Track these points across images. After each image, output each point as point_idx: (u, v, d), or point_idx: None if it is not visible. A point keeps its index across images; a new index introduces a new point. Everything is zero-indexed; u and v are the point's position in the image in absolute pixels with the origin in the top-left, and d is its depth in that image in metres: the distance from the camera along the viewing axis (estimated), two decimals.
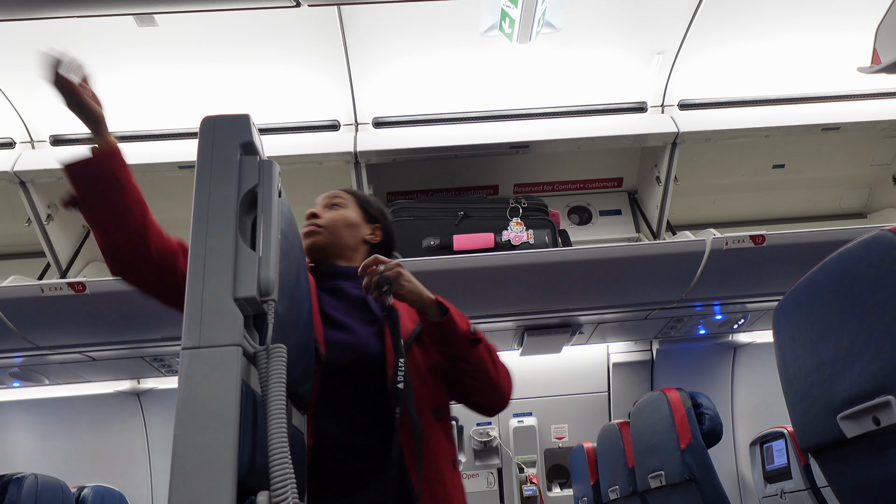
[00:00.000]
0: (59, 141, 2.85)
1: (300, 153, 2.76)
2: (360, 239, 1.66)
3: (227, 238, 0.96)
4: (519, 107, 2.96)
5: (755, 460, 3.39)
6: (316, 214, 1.68)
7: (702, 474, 2.38)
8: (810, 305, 1.16)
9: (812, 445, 1.21)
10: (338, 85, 2.77)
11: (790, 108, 2.99)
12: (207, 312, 0.92)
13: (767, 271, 2.85)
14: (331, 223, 1.66)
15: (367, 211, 1.72)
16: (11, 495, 2.20)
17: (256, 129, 1.08)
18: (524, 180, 3.27)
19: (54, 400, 3.67)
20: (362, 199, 1.76)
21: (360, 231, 1.67)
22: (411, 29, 2.61)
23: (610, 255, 2.72)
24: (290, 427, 1.01)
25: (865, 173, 3.36)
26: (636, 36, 2.75)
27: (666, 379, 3.85)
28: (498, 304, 2.96)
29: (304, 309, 1.29)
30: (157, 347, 3.01)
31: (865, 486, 1.08)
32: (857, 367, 1.02)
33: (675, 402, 2.53)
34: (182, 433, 0.85)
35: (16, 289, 2.55)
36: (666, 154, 2.95)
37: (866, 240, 1.02)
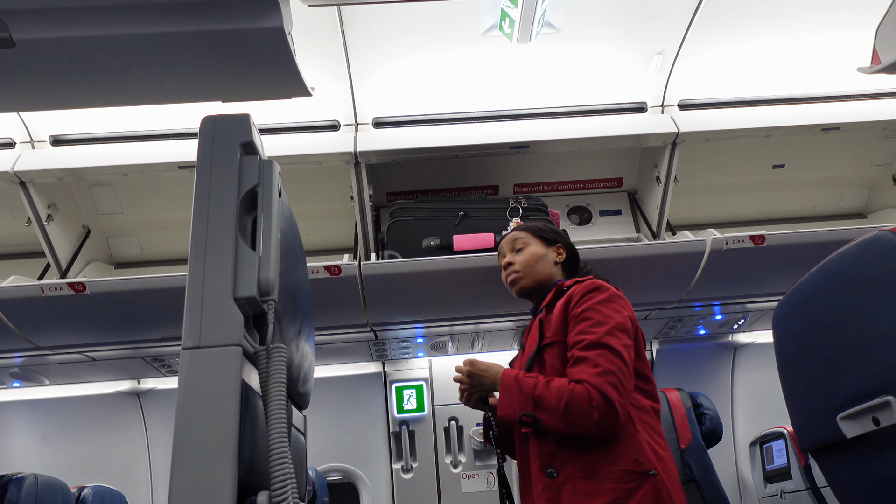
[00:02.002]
0: (59, 141, 2.85)
1: (300, 153, 2.75)
2: (552, 263, 1.93)
3: (227, 238, 0.97)
4: (519, 107, 2.96)
5: (755, 460, 3.39)
6: (511, 262, 1.97)
7: (702, 474, 2.38)
8: (810, 305, 1.16)
9: (812, 445, 1.21)
10: (338, 85, 2.77)
11: (790, 108, 2.99)
12: (207, 312, 0.92)
13: (767, 271, 2.84)
14: (525, 265, 1.94)
15: (543, 238, 1.98)
16: (11, 495, 2.20)
17: (256, 128, 1.08)
18: (524, 180, 3.27)
19: (54, 400, 3.67)
20: (535, 230, 2.02)
21: (548, 258, 1.94)
22: (411, 29, 2.61)
23: (610, 255, 2.72)
24: (291, 427, 1.01)
25: (865, 173, 3.36)
26: (636, 36, 2.75)
27: (666, 379, 3.85)
28: (498, 304, 2.96)
29: (304, 309, 1.29)
30: (157, 347, 3.01)
31: (865, 486, 1.08)
32: (857, 367, 1.02)
33: (675, 402, 2.54)
34: (182, 433, 0.85)
35: (16, 289, 2.55)
36: (666, 154, 2.95)
37: (866, 240, 1.02)
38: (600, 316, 1.58)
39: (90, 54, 1.37)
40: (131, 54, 1.39)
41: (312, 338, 1.57)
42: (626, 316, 1.63)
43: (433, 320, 3.02)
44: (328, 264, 2.61)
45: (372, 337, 3.17)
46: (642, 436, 1.52)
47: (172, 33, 1.32)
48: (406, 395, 3.62)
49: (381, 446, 3.67)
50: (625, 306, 1.67)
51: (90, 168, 2.74)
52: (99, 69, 1.44)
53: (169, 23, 1.30)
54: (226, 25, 1.31)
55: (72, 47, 1.33)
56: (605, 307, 1.61)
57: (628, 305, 1.69)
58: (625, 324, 1.59)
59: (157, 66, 1.46)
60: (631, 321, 1.64)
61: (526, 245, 1.97)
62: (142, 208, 3.09)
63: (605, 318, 1.58)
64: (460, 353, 3.67)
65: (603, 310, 1.60)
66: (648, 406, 1.62)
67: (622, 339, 1.55)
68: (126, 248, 3.22)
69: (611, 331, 1.55)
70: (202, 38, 1.34)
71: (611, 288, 1.71)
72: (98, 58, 1.38)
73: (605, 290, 1.67)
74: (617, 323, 1.57)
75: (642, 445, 1.50)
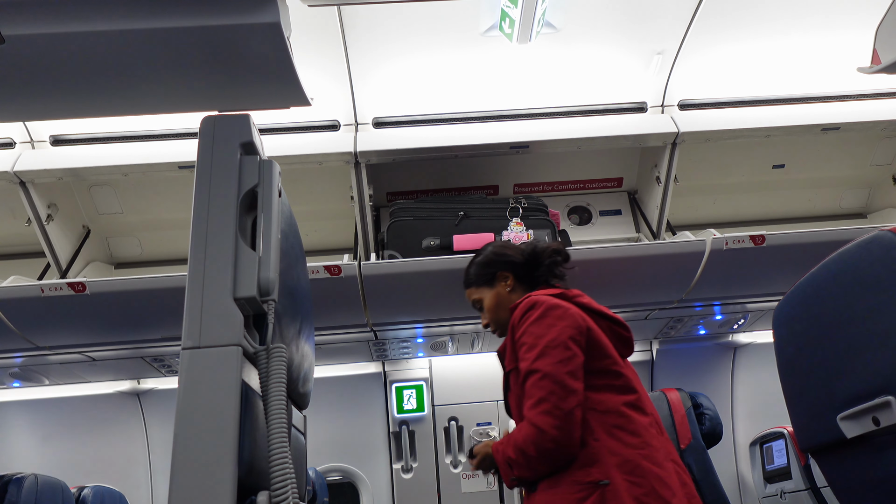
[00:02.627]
0: (59, 141, 2.85)
1: (300, 153, 2.75)
2: (507, 299, 1.89)
3: (227, 238, 0.97)
4: (519, 107, 2.96)
5: (755, 460, 3.39)
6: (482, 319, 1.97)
7: (702, 474, 2.38)
8: (810, 305, 1.16)
9: (812, 445, 1.21)
10: (338, 85, 2.77)
11: (790, 108, 2.99)
12: (207, 312, 0.92)
13: (767, 271, 2.84)
14: (491, 318, 1.93)
15: (485, 280, 1.94)
16: (11, 495, 2.20)
17: (256, 128, 1.08)
18: (524, 180, 3.27)
19: (54, 400, 3.67)
20: (473, 279, 1.99)
21: (501, 296, 1.92)
22: (411, 29, 2.61)
23: (610, 255, 2.72)
24: (290, 427, 1.01)
25: (865, 173, 3.36)
26: (636, 36, 2.75)
27: (666, 379, 3.85)
28: None
29: (304, 309, 1.29)
30: (157, 347, 3.01)
31: (865, 486, 1.08)
32: (857, 367, 1.02)
33: (675, 403, 2.54)
34: (182, 433, 0.85)
35: (16, 289, 2.55)
36: (666, 154, 2.95)
37: (866, 240, 1.02)
38: (532, 338, 1.59)
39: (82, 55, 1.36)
40: (126, 56, 1.38)
41: (312, 338, 1.57)
42: (561, 328, 1.59)
43: (433, 320, 3.02)
44: (328, 264, 2.61)
45: (372, 337, 3.17)
46: (602, 443, 1.50)
47: (164, 29, 1.31)
48: (406, 395, 3.62)
49: (381, 446, 3.67)
50: (561, 316, 1.61)
51: (90, 168, 2.74)
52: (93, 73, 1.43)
53: (161, 18, 1.30)
54: (220, 21, 1.30)
55: (63, 46, 1.32)
56: (537, 327, 1.60)
57: (567, 313, 1.63)
58: (558, 338, 1.57)
59: (152, 72, 1.45)
60: (574, 328, 1.60)
61: (479, 298, 1.95)
62: (142, 208, 3.09)
63: (537, 340, 1.58)
64: (460, 353, 3.67)
65: (535, 331, 1.60)
66: (618, 404, 1.58)
67: (553, 357, 1.54)
68: (126, 248, 3.22)
69: (542, 352, 1.55)
70: (196, 36, 1.33)
71: (546, 300, 1.66)
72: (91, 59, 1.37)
73: (538, 307, 1.64)
74: (548, 341, 1.56)
75: (599, 454, 1.49)
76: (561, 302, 1.67)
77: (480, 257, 2.00)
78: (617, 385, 1.61)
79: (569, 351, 1.55)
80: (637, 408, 1.59)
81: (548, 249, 1.93)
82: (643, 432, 1.55)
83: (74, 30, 1.29)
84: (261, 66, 1.44)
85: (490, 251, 1.99)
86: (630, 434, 1.53)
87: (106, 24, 1.29)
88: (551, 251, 1.93)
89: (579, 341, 1.59)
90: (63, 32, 1.29)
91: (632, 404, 1.59)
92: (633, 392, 1.62)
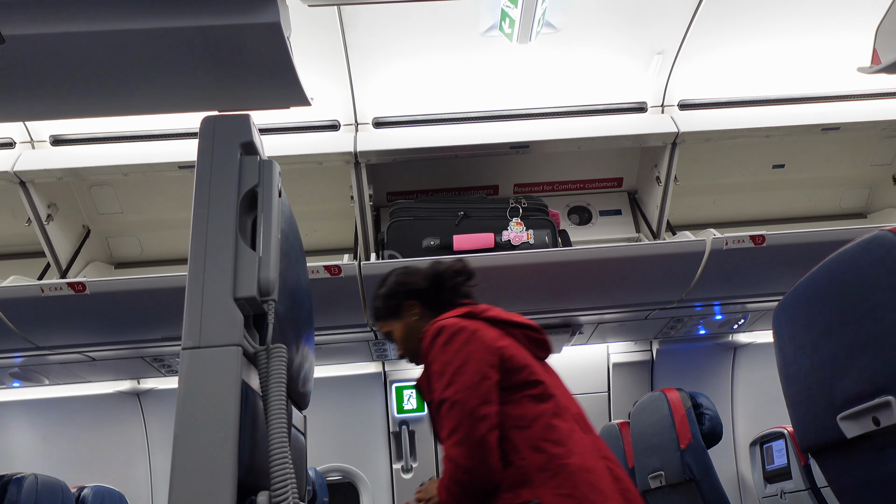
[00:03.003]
0: (59, 141, 2.85)
1: (300, 153, 2.75)
2: (416, 328, 1.81)
3: (227, 238, 0.97)
4: (519, 107, 2.96)
5: (755, 460, 3.39)
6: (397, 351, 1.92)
7: (702, 474, 2.38)
8: (810, 305, 1.16)
9: (812, 445, 1.21)
10: (338, 85, 2.77)
11: (790, 108, 2.99)
12: (207, 312, 0.92)
13: (767, 271, 2.85)
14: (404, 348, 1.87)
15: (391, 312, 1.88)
16: (11, 495, 2.20)
17: (256, 128, 1.08)
18: (524, 180, 3.27)
19: (54, 400, 3.67)
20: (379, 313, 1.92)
21: (409, 325, 1.85)
22: (411, 29, 2.61)
23: (610, 255, 2.72)
24: (290, 427, 1.01)
25: (865, 173, 3.36)
26: (636, 36, 2.75)
27: (666, 379, 3.85)
28: (498, 304, 2.96)
29: (304, 309, 1.29)
30: (157, 347, 3.01)
31: (865, 486, 1.08)
32: (857, 367, 1.02)
33: (675, 402, 2.54)
34: (182, 433, 0.85)
35: (16, 289, 2.55)
36: (666, 154, 2.95)
37: (866, 240, 1.02)
38: (440, 366, 1.56)
39: (82, 55, 1.36)
40: (126, 56, 1.38)
41: (312, 338, 1.57)
42: (468, 351, 1.55)
43: None
44: (328, 264, 2.61)
45: (372, 337, 3.17)
46: (529, 461, 1.48)
47: (164, 29, 1.30)
48: (406, 395, 3.62)
49: (381, 446, 3.67)
50: (468, 339, 1.57)
51: (90, 168, 2.74)
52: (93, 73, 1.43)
53: (161, 18, 1.30)
54: (220, 21, 1.30)
55: (63, 46, 1.32)
56: (444, 354, 1.57)
57: (475, 335, 1.58)
58: (466, 362, 1.53)
59: (152, 72, 1.45)
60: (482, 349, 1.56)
61: (389, 331, 1.89)
62: (142, 208, 3.09)
63: (444, 367, 1.55)
64: None
65: (442, 357, 1.57)
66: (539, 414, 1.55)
67: (461, 383, 1.51)
68: (126, 248, 3.22)
69: (450, 380, 1.52)
70: (196, 36, 1.33)
71: (450, 325, 1.61)
72: (91, 59, 1.37)
73: (444, 333, 1.60)
74: (456, 367, 1.53)
75: (527, 473, 1.47)
76: (467, 323, 1.62)
77: (384, 289, 1.91)
78: (535, 395, 1.57)
79: (478, 375, 1.52)
80: (558, 414, 1.56)
81: (449, 271, 1.85)
82: (567, 440, 1.52)
83: (74, 30, 1.29)
84: (261, 66, 1.44)
85: (393, 281, 1.90)
86: (555, 444, 1.50)
87: (106, 24, 1.29)
88: (453, 272, 1.85)
89: (489, 361, 1.55)
90: (63, 32, 1.29)
91: (552, 412, 1.56)
92: (552, 397, 1.59)
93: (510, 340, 1.65)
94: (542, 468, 1.46)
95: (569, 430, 1.55)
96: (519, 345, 1.66)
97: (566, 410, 1.59)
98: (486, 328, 1.63)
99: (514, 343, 1.65)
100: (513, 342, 1.65)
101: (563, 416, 1.57)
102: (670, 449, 2.48)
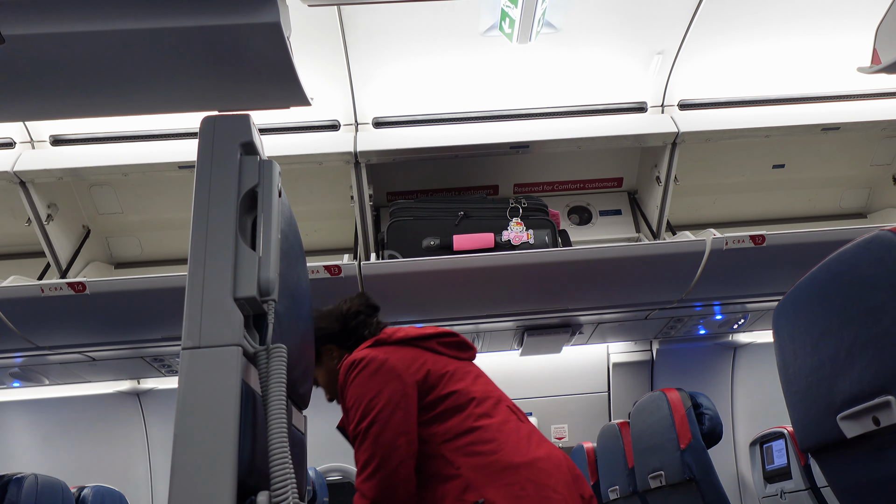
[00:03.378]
0: (59, 141, 2.85)
1: (300, 153, 2.76)
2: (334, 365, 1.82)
3: (227, 238, 0.97)
4: (519, 107, 2.96)
5: (755, 460, 3.39)
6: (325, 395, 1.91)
7: (702, 474, 2.38)
8: (810, 305, 1.16)
9: (812, 445, 1.21)
10: (338, 85, 2.77)
11: (790, 108, 2.99)
12: (207, 312, 0.92)
13: (767, 271, 2.85)
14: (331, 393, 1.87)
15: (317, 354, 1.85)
16: (11, 495, 2.19)
17: (256, 128, 1.08)
18: (524, 180, 3.27)
19: (54, 400, 3.67)
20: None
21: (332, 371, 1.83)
22: (411, 29, 2.61)
23: (610, 255, 2.72)
24: (290, 427, 1.01)
25: (865, 173, 3.36)
26: (636, 36, 2.75)
27: (666, 379, 3.85)
28: (498, 304, 2.96)
29: (304, 309, 1.29)
30: (157, 347, 3.01)
31: (865, 486, 1.08)
32: (857, 367, 1.02)
33: (675, 402, 2.53)
34: (182, 433, 0.85)
35: (16, 289, 2.55)
36: (666, 154, 2.95)
37: (866, 240, 1.02)
38: (352, 401, 1.58)
39: (82, 55, 1.36)
40: (126, 56, 1.38)
41: (312, 338, 1.57)
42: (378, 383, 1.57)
43: (433, 320, 3.02)
44: (328, 264, 2.61)
45: None
46: (464, 468, 1.50)
47: (165, 29, 1.30)
48: None
49: None
50: (376, 370, 1.58)
51: (90, 168, 2.74)
52: (93, 73, 1.43)
53: (161, 18, 1.29)
54: (220, 21, 1.30)
55: (62, 46, 1.32)
56: (356, 388, 1.59)
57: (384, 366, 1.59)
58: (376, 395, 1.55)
59: (152, 72, 1.45)
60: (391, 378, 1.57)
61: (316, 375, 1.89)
62: (142, 208, 3.09)
63: (356, 402, 1.57)
64: None
65: (353, 392, 1.59)
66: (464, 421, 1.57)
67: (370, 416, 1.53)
68: (126, 248, 3.22)
69: (362, 414, 1.54)
70: (196, 36, 1.33)
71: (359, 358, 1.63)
72: (91, 59, 1.37)
73: (354, 368, 1.61)
74: (367, 402, 1.55)
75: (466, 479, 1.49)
76: (375, 353, 1.63)
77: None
78: (457, 404, 1.59)
79: (389, 406, 1.54)
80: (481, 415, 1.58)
81: (351, 311, 1.86)
82: (497, 434, 1.54)
83: (74, 30, 1.29)
84: (261, 66, 1.44)
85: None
86: (486, 443, 1.53)
87: (106, 24, 1.29)
88: (354, 312, 1.86)
89: (400, 389, 1.56)
90: (63, 32, 1.29)
91: (477, 415, 1.58)
92: (471, 397, 1.61)
93: (426, 354, 1.67)
94: (479, 468, 1.49)
95: (500, 423, 1.57)
96: (437, 355, 1.68)
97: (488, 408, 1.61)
98: (397, 351, 1.64)
99: (431, 355, 1.67)
100: (429, 355, 1.67)
101: (492, 412, 1.60)
102: (670, 449, 2.48)
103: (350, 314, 1.85)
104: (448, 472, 1.51)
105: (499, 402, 1.64)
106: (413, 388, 1.58)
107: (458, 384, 1.63)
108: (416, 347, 1.68)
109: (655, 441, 2.61)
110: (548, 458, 1.53)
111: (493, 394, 1.67)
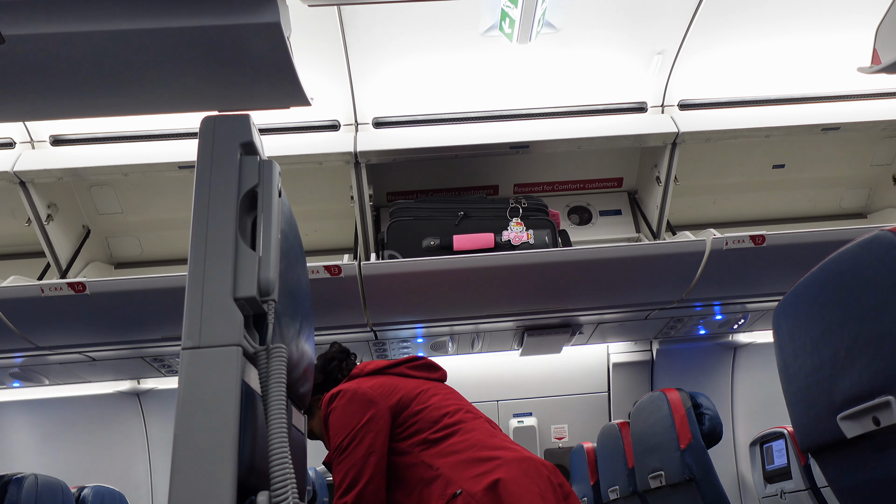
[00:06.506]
0: (59, 141, 2.85)
1: (300, 153, 2.76)
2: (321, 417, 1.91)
3: (227, 238, 0.97)
4: (519, 107, 2.96)
5: (755, 460, 3.39)
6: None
7: (702, 474, 2.38)
8: (810, 305, 1.16)
9: (812, 445, 1.21)
10: (338, 85, 2.77)
11: (790, 108, 2.99)
12: (207, 312, 0.92)
13: (767, 271, 2.85)
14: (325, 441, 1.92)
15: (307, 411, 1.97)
16: (11, 495, 2.19)
17: (256, 129, 1.08)
18: (524, 180, 3.27)
19: (54, 400, 3.67)
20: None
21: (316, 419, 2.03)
22: (411, 29, 2.61)
23: (610, 255, 2.72)
24: (290, 427, 1.01)
25: (865, 173, 3.36)
26: (636, 36, 2.75)
27: (666, 379, 3.85)
28: (498, 304, 2.96)
29: (304, 309, 1.30)
30: (157, 347, 3.01)
31: (865, 486, 1.08)
32: (857, 367, 1.02)
33: (675, 403, 2.53)
34: (182, 433, 0.85)
35: (16, 289, 2.55)
36: (666, 154, 2.95)
37: (866, 240, 1.02)
38: (334, 430, 1.73)
39: (82, 55, 1.36)
40: (126, 56, 1.38)
41: (312, 338, 1.57)
42: (352, 411, 1.72)
43: (433, 320, 3.02)
44: (328, 264, 2.61)
45: (372, 337, 3.17)
46: (443, 469, 1.63)
47: (165, 29, 1.30)
48: None
49: None
50: (351, 399, 1.74)
51: (90, 168, 2.74)
52: (93, 73, 1.43)
53: (161, 18, 1.29)
54: (220, 21, 1.30)
55: (63, 46, 1.32)
56: (335, 419, 1.74)
57: (356, 394, 1.74)
58: (350, 423, 1.70)
59: (152, 72, 1.45)
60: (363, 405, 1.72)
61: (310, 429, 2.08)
62: (142, 208, 3.09)
63: (337, 432, 1.72)
64: (460, 353, 3.67)
65: (335, 424, 1.74)
66: (435, 433, 1.72)
67: (345, 441, 1.68)
68: (126, 248, 3.23)
69: (340, 444, 1.69)
70: (196, 36, 1.33)
71: (334, 391, 1.79)
72: (91, 59, 1.37)
73: (332, 401, 1.77)
74: (347, 433, 1.69)
75: (445, 476, 1.62)
76: (349, 385, 1.80)
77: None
78: (433, 418, 1.75)
79: (362, 429, 1.69)
80: (455, 422, 1.74)
81: (332, 362, 2.05)
82: (469, 435, 1.70)
83: (74, 30, 1.29)
84: (261, 66, 1.44)
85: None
86: (460, 443, 1.69)
87: (106, 24, 1.29)
88: (335, 364, 2.05)
89: (372, 413, 1.71)
90: (63, 32, 1.29)
91: (449, 424, 1.74)
92: (444, 411, 1.76)
93: (397, 379, 1.84)
94: (456, 465, 1.64)
95: (471, 427, 1.74)
96: (408, 378, 1.87)
97: (465, 414, 1.78)
98: (369, 380, 1.82)
99: (402, 379, 1.85)
100: (399, 380, 1.85)
101: (465, 419, 1.76)
102: (670, 449, 2.48)
103: (330, 366, 2.05)
104: (429, 474, 1.65)
105: (469, 412, 1.80)
106: (386, 412, 1.74)
107: (431, 399, 1.80)
108: (387, 375, 1.87)
109: (655, 441, 2.61)
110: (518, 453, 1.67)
111: (465, 406, 1.83)
